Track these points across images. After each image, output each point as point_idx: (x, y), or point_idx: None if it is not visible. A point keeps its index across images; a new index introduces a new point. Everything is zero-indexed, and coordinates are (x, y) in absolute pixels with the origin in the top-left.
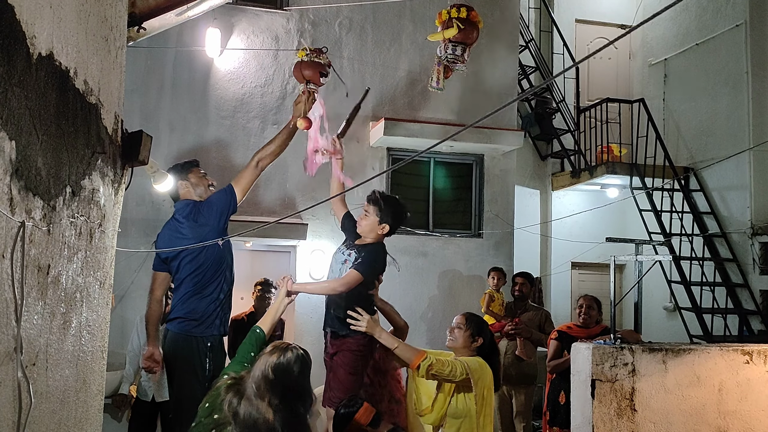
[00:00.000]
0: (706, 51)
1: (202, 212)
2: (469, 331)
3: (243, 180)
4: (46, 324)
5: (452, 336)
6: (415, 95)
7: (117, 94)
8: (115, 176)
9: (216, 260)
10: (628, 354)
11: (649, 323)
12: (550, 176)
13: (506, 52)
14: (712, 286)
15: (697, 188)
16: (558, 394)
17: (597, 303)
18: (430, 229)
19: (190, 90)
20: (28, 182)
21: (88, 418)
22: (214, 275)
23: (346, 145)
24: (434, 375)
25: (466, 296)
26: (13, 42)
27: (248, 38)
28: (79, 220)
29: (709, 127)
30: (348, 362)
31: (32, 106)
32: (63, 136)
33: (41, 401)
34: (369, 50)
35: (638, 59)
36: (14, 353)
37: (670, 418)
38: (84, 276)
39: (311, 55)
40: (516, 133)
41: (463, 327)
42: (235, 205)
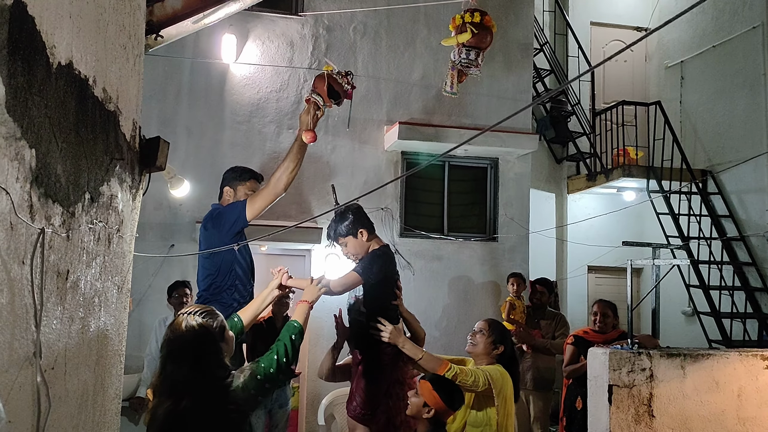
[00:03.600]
0: (723, 53)
1: (214, 221)
2: (491, 338)
3: (258, 200)
4: (65, 329)
5: (473, 341)
6: (429, 99)
7: (135, 101)
8: (133, 182)
9: (227, 269)
10: (646, 359)
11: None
12: (565, 179)
13: (521, 55)
14: (731, 290)
15: (715, 191)
16: (575, 400)
17: (612, 308)
18: (445, 232)
19: (207, 95)
20: (47, 189)
21: (106, 421)
22: (225, 282)
23: (361, 149)
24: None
25: (481, 300)
26: (33, 52)
27: (263, 44)
28: (97, 226)
29: (726, 130)
30: (370, 372)
31: (52, 114)
32: (82, 143)
33: (59, 405)
34: (383, 55)
35: (654, 61)
36: (33, 358)
37: (689, 424)
38: (102, 281)
39: (334, 72)
40: (531, 136)
41: (486, 333)
42: (244, 221)
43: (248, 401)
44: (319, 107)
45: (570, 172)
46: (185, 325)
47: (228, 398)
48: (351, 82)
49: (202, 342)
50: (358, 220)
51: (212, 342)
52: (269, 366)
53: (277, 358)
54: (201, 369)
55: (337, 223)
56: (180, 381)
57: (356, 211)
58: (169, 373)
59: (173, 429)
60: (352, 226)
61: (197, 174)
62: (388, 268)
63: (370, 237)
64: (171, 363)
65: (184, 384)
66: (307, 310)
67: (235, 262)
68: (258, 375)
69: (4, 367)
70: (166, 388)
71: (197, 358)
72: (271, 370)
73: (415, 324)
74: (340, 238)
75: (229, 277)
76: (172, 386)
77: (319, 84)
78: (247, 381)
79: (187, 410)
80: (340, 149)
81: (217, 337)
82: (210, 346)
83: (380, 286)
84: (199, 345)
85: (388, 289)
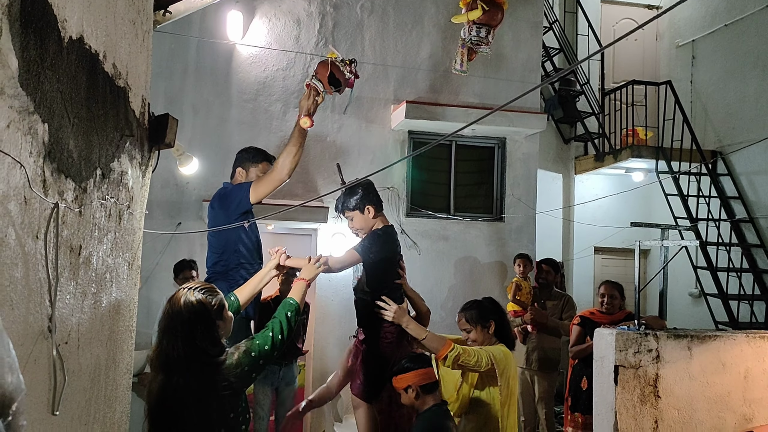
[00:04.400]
0: (735, 32)
1: (221, 201)
2: (478, 326)
3: (261, 185)
4: (77, 304)
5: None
6: (436, 78)
7: (144, 78)
8: (142, 159)
9: (232, 248)
10: (653, 340)
11: (674, 309)
12: (573, 160)
13: (530, 33)
14: (739, 272)
15: (725, 172)
16: (580, 380)
17: (619, 290)
18: (452, 212)
19: (213, 73)
20: (60, 164)
21: (117, 395)
22: (231, 260)
23: (367, 128)
24: (461, 365)
25: (487, 280)
26: (45, 25)
27: (270, 21)
28: (108, 202)
29: (737, 110)
30: (376, 352)
31: (64, 89)
32: (93, 119)
33: (73, 379)
34: (390, 33)
35: (665, 40)
36: (48, 332)
37: (695, 405)
38: (113, 257)
39: (338, 60)
40: (539, 116)
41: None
42: (246, 204)
43: (242, 378)
44: (318, 93)
45: (578, 153)
46: (184, 300)
47: (220, 375)
48: (354, 70)
49: (198, 318)
50: (366, 196)
51: (208, 319)
52: (264, 343)
53: (272, 335)
54: (195, 345)
55: (346, 197)
56: (174, 356)
57: (367, 187)
58: (164, 347)
59: (166, 403)
60: (361, 201)
61: (204, 152)
62: (389, 247)
63: (376, 215)
64: (166, 337)
65: (177, 359)
66: (305, 288)
67: (239, 241)
68: (252, 352)
69: (19, 340)
70: (161, 362)
71: (192, 333)
72: (266, 347)
73: (419, 302)
74: (347, 211)
75: (233, 255)
76: (166, 360)
77: (321, 70)
78: (241, 358)
79: (179, 385)
80: (347, 128)
81: (214, 315)
82: (206, 322)
83: (382, 265)
84: (194, 321)
85: (391, 268)
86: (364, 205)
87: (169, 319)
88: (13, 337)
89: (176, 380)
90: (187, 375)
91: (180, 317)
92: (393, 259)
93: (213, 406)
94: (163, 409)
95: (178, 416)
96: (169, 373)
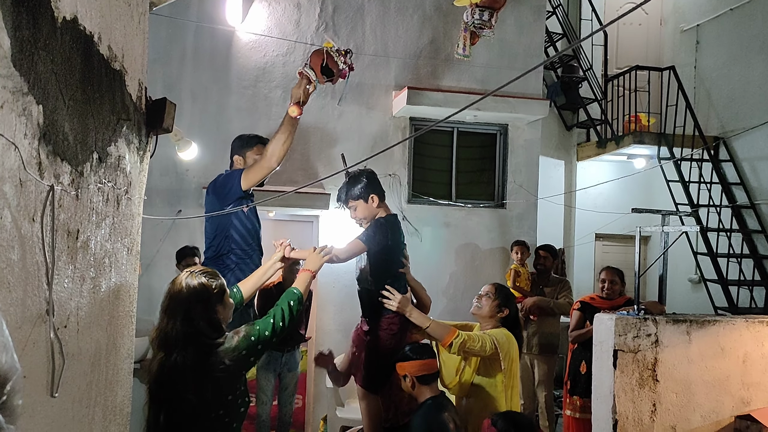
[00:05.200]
0: (740, 17)
1: (216, 188)
2: (497, 301)
3: (252, 173)
4: (76, 288)
5: (479, 303)
6: (438, 64)
7: (141, 61)
8: (140, 143)
9: (223, 234)
10: (652, 325)
11: (674, 295)
12: (575, 146)
13: (532, 18)
14: (740, 258)
15: (727, 158)
16: (579, 364)
17: (620, 275)
18: (453, 199)
19: (212, 59)
20: (55, 147)
21: (119, 379)
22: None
23: (368, 114)
24: (466, 351)
25: (488, 266)
26: (39, 5)
27: (270, 5)
28: (106, 187)
29: (741, 96)
30: (380, 341)
31: (58, 70)
32: (89, 101)
33: (73, 362)
34: (392, 17)
35: (669, 25)
36: (46, 315)
37: (693, 389)
38: (112, 242)
39: (333, 50)
40: (541, 102)
41: (492, 296)
42: (237, 191)
43: (239, 361)
44: (310, 81)
45: (580, 139)
46: (185, 282)
47: (217, 357)
48: (348, 61)
49: (198, 300)
50: (370, 185)
51: (208, 302)
52: (264, 329)
53: (273, 322)
54: (193, 326)
55: (349, 186)
56: (172, 335)
57: (370, 176)
58: (163, 326)
59: (164, 381)
60: (364, 190)
61: (203, 139)
62: (392, 237)
63: (380, 204)
64: (166, 317)
65: (176, 338)
66: (309, 279)
67: (231, 226)
68: (252, 336)
69: (17, 323)
70: (160, 341)
71: (191, 314)
72: (266, 333)
73: (421, 292)
74: (350, 200)
75: (225, 241)
76: (165, 339)
77: (315, 59)
78: (240, 341)
79: (176, 364)
80: (348, 115)
81: (214, 298)
82: (205, 305)
83: (386, 255)
84: (194, 302)
85: (395, 258)
86: (368, 194)
87: (170, 300)
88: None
89: (174, 358)
90: (185, 354)
91: (180, 298)
92: (396, 248)
93: (210, 387)
94: (162, 386)
95: (176, 394)
96: (168, 352)
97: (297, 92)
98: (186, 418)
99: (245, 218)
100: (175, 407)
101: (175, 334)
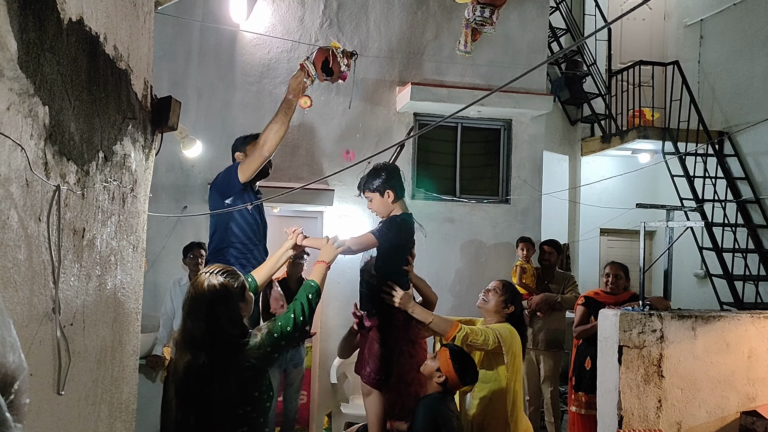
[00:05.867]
0: (744, 11)
1: (217, 185)
2: (503, 297)
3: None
4: (82, 286)
5: (486, 298)
6: (442, 59)
7: (146, 60)
8: (145, 142)
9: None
10: (657, 321)
11: (679, 290)
12: (579, 141)
13: (536, 13)
14: (745, 253)
15: (732, 153)
16: (584, 360)
17: (624, 270)
18: (457, 195)
19: (217, 56)
20: (62, 147)
21: (125, 377)
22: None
23: (372, 110)
24: (469, 345)
25: (492, 262)
26: (44, 7)
27: (274, 2)
28: (111, 185)
29: (745, 90)
30: (382, 337)
31: (64, 71)
32: (94, 101)
33: (79, 360)
34: (396, 14)
35: (673, 20)
36: (52, 313)
37: (698, 385)
38: (118, 240)
39: (338, 51)
40: (545, 97)
41: (499, 291)
42: (235, 184)
43: (264, 358)
44: (308, 75)
45: (584, 134)
46: (207, 284)
47: (243, 355)
48: (352, 64)
49: (221, 301)
50: (389, 180)
51: (231, 301)
52: (286, 324)
53: (293, 317)
54: (218, 327)
55: (369, 177)
56: (198, 337)
57: (391, 172)
58: (189, 329)
59: (191, 381)
60: (382, 184)
61: (208, 136)
62: (404, 235)
63: (395, 200)
64: (191, 319)
65: (203, 340)
66: (325, 270)
67: (232, 220)
68: (275, 333)
69: (24, 322)
70: (186, 343)
71: (215, 316)
72: (288, 329)
73: (426, 290)
74: (367, 191)
75: (224, 235)
76: (191, 341)
77: (320, 56)
78: (263, 339)
79: (204, 365)
80: (352, 111)
81: (236, 297)
82: (228, 305)
83: (393, 251)
84: (218, 304)
85: (402, 255)
86: (385, 188)
87: (193, 302)
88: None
89: (202, 359)
90: (212, 354)
91: (203, 300)
92: (406, 246)
93: (237, 385)
94: (190, 388)
95: (204, 394)
96: (194, 353)
97: (294, 83)
98: (213, 416)
99: (247, 213)
100: (202, 407)
101: (201, 335)
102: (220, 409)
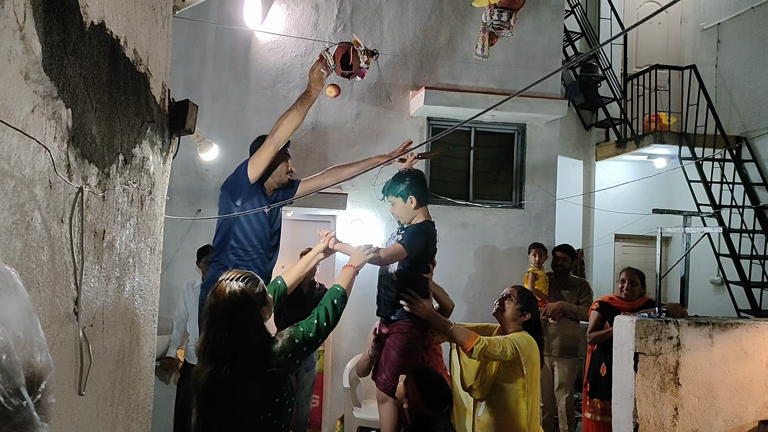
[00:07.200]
0: (761, 15)
1: (227, 186)
2: (519, 305)
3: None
4: (102, 287)
5: (501, 306)
6: (455, 63)
7: (164, 64)
8: (163, 145)
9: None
10: (673, 328)
11: (696, 297)
12: (594, 146)
13: (551, 17)
14: (763, 260)
15: (750, 158)
16: (599, 366)
17: (640, 277)
18: (471, 199)
19: (232, 60)
20: (84, 149)
21: (141, 378)
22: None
23: (386, 114)
24: (487, 356)
25: (506, 267)
26: (68, 10)
27: (288, 7)
28: (131, 188)
29: (763, 95)
30: (400, 344)
31: (86, 74)
32: (115, 104)
33: (98, 361)
34: (409, 18)
35: (690, 24)
36: (74, 315)
37: (715, 393)
38: (136, 242)
39: (360, 47)
40: (560, 101)
41: (514, 299)
42: (246, 181)
43: (286, 364)
44: (326, 66)
45: (599, 139)
46: (228, 291)
47: (266, 362)
48: (372, 62)
49: (243, 308)
50: (413, 186)
51: (252, 308)
52: (309, 330)
53: (317, 323)
54: (241, 335)
55: (394, 181)
56: (221, 347)
57: (416, 178)
58: (211, 338)
59: (215, 392)
60: (406, 189)
61: (222, 139)
62: (427, 244)
63: (418, 206)
64: (213, 329)
65: (225, 350)
66: (353, 276)
67: (236, 225)
68: (296, 339)
69: (46, 323)
70: (208, 353)
71: (237, 324)
72: (311, 335)
73: (443, 297)
74: (391, 195)
75: (226, 238)
76: (213, 351)
77: (340, 49)
78: (285, 344)
79: (227, 375)
80: (365, 114)
81: (257, 303)
82: (250, 312)
83: (416, 260)
84: (239, 311)
85: (423, 262)
86: (408, 194)
87: (215, 311)
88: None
89: (225, 370)
90: (235, 364)
91: (225, 307)
92: (427, 255)
93: (259, 392)
94: (213, 399)
95: (226, 401)
96: (217, 364)
97: (312, 74)
98: (235, 423)
99: (254, 218)
100: (224, 414)
101: (223, 345)
102: (242, 417)
